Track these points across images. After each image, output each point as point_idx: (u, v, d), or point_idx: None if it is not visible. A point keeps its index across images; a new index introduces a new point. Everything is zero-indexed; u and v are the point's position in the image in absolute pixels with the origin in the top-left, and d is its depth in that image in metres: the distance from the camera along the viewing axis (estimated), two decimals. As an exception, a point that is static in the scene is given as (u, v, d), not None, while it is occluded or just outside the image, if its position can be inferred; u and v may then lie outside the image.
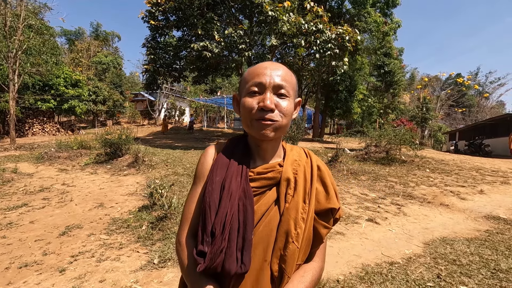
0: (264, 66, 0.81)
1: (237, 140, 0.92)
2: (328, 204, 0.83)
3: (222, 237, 0.73)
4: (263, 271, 0.77)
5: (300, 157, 0.89)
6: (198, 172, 0.89)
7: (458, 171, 7.83)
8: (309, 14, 10.42)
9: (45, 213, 4.36)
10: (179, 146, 12.60)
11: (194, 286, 0.76)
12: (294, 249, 0.77)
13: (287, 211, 0.79)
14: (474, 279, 2.59)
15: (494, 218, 4.44)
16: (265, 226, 0.79)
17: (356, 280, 2.54)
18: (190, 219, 0.85)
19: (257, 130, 0.79)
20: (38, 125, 17.56)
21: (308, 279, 0.79)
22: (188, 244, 0.82)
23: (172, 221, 3.74)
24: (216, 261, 0.72)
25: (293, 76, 0.85)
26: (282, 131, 0.81)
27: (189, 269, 0.78)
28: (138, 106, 30.76)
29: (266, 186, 0.83)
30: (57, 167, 7.62)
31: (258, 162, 0.87)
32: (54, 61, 16.71)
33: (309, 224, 0.80)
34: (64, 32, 37.65)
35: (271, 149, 0.87)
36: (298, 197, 0.80)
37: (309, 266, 0.83)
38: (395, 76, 17.87)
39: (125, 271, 2.75)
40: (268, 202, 0.81)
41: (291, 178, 0.83)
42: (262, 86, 0.79)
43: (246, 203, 0.77)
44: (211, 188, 0.79)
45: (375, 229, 3.89)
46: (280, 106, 0.78)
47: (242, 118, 0.83)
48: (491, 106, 39.84)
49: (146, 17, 12.00)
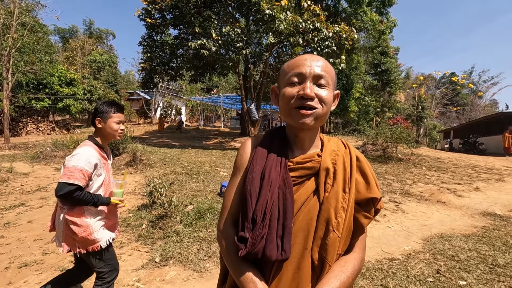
0: (304, 58, 0.83)
1: (275, 131, 0.93)
2: (369, 193, 0.83)
3: (263, 224, 0.75)
4: (304, 259, 0.78)
5: (338, 148, 0.90)
6: (238, 163, 0.91)
7: (454, 169, 7.92)
8: (306, 13, 10.43)
9: (43, 212, 4.32)
10: (176, 145, 12.55)
11: (236, 272, 0.78)
12: (335, 237, 0.77)
13: (327, 200, 0.80)
14: (472, 274, 2.64)
15: (490, 214, 4.51)
16: (305, 215, 0.80)
17: (357, 276, 2.57)
18: (229, 208, 0.87)
19: (296, 119, 0.80)
20: (32, 124, 17.36)
21: (349, 269, 0.79)
22: (229, 232, 0.84)
23: (173, 220, 3.74)
24: (257, 247, 0.73)
25: (332, 68, 0.86)
26: (321, 121, 0.82)
27: (231, 255, 0.80)
28: (134, 105, 30.54)
29: (305, 176, 0.84)
30: (53, 166, 7.54)
31: (296, 152, 0.88)
32: (48, 60, 16.53)
33: (349, 213, 0.80)
34: (58, 30, 37.20)
35: (309, 139, 0.88)
36: (337, 187, 0.81)
37: (350, 257, 0.83)
38: (391, 74, 18.00)
39: (127, 270, 2.74)
40: (307, 192, 0.82)
41: (330, 167, 0.84)
42: (302, 76, 0.80)
43: (285, 191, 0.79)
44: (251, 177, 0.81)
45: (375, 226, 3.92)
46: (319, 95, 0.80)
47: (281, 108, 0.84)
48: (485, 105, 40.29)
49: (142, 15, 11.90)
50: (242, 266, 0.77)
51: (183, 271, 2.70)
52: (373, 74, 18.94)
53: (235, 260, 0.78)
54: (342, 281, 0.76)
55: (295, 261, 0.78)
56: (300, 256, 0.78)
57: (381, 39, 16.87)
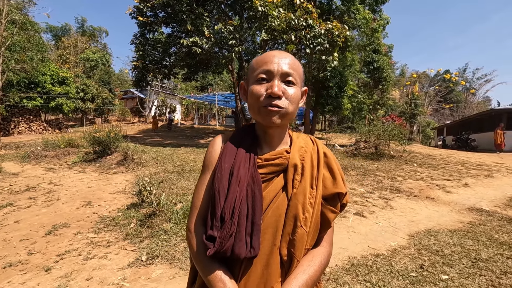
0: (272, 55, 0.83)
1: (245, 129, 0.93)
2: (335, 189, 0.84)
3: (232, 222, 0.75)
4: (273, 256, 0.78)
5: (307, 144, 0.91)
6: (207, 161, 0.90)
7: (444, 165, 8.01)
8: (299, 10, 10.42)
9: (31, 212, 4.28)
10: (170, 143, 12.50)
11: (205, 271, 0.77)
12: (303, 233, 0.78)
13: (295, 196, 0.80)
14: (455, 268, 2.67)
15: (477, 210, 4.57)
16: (273, 212, 0.80)
17: (342, 272, 2.59)
18: (199, 207, 0.86)
19: (265, 117, 0.80)
20: (24, 124, 17.13)
21: (317, 263, 0.80)
22: (198, 231, 0.83)
23: (161, 218, 3.73)
24: (225, 245, 0.73)
25: (300, 65, 0.86)
26: (288, 118, 0.83)
27: (199, 255, 0.79)
28: (128, 103, 30.33)
29: (273, 173, 0.84)
30: (43, 166, 7.47)
31: (265, 149, 0.89)
32: (40, 58, 16.29)
33: (316, 208, 0.81)
34: (50, 28, 36.63)
35: (278, 136, 0.88)
36: (305, 183, 0.82)
37: (317, 251, 0.84)
38: (384, 72, 18.11)
39: (113, 269, 2.73)
40: (276, 189, 0.82)
41: (298, 164, 0.84)
42: (270, 74, 0.80)
43: (254, 188, 0.79)
44: (220, 174, 0.80)
45: (363, 222, 3.96)
46: (287, 93, 0.80)
47: (250, 105, 0.84)
48: (478, 102, 40.72)
49: (134, 13, 11.78)
50: (210, 265, 0.76)
51: (169, 269, 2.70)
52: (366, 71, 19.02)
53: (204, 259, 0.78)
54: (309, 275, 0.77)
55: (264, 257, 0.78)
56: (269, 253, 0.78)
57: (374, 37, 16.94)
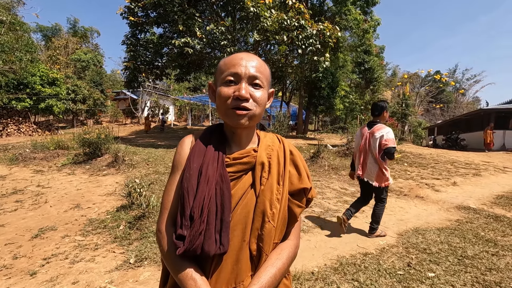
0: (240, 57, 0.84)
1: (213, 128, 0.95)
2: (300, 184, 0.88)
3: (201, 220, 0.76)
4: (242, 251, 0.80)
5: (273, 143, 0.93)
6: (176, 161, 0.91)
7: (434, 165, 8.12)
8: (291, 11, 10.47)
9: (17, 215, 4.20)
10: (162, 145, 12.40)
11: (175, 270, 0.78)
12: (271, 228, 0.81)
13: (263, 193, 0.83)
14: (441, 266, 2.71)
15: (464, 208, 4.64)
16: (242, 209, 0.82)
17: (330, 272, 2.60)
18: (169, 208, 0.87)
19: (232, 119, 0.82)
20: (13, 126, 16.80)
21: (284, 256, 0.84)
22: (168, 231, 0.83)
23: (150, 220, 3.70)
24: (195, 243, 0.74)
25: (267, 68, 0.89)
26: (256, 120, 0.85)
27: (170, 254, 0.80)
28: (120, 104, 30.01)
29: (242, 171, 0.86)
30: (32, 168, 7.34)
31: (233, 148, 0.91)
32: (29, 59, 16.01)
33: (283, 204, 0.84)
34: (40, 28, 36.02)
35: (246, 136, 0.91)
36: (272, 180, 0.85)
37: (285, 244, 0.86)
38: (375, 73, 18.31)
39: (100, 272, 2.69)
40: (244, 186, 0.85)
41: (265, 162, 0.87)
42: (238, 76, 0.82)
43: (223, 187, 0.80)
44: (188, 174, 0.81)
45: (353, 222, 3.98)
46: (254, 96, 0.82)
47: (218, 107, 0.86)
48: (468, 102, 41.41)
49: (125, 13, 11.68)
50: (181, 264, 0.77)
51: (157, 272, 2.68)
52: (358, 72, 19.22)
53: (174, 259, 0.78)
54: (278, 267, 0.80)
55: (234, 253, 0.80)
56: (239, 249, 0.80)
57: (365, 38, 17.12)
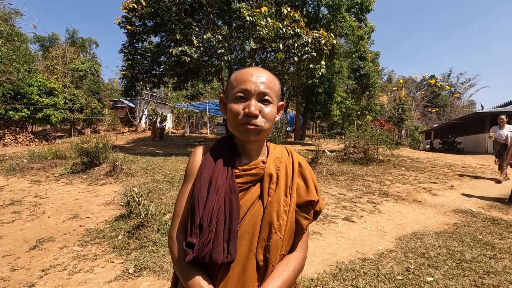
0: (250, 73, 0.87)
1: (224, 140, 0.97)
2: (307, 196, 0.89)
3: (209, 229, 0.79)
4: (249, 261, 0.82)
5: (282, 155, 0.96)
6: (188, 171, 0.94)
7: (431, 168, 8.17)
8: (286, 19, 10.62)
9: (15, 227, 4.17)
10: (160, 153, 12.39)
11: (185, 277, 0.80)
12: (277, 239, 0.83)
13: (270, 204, 0.85)
14: (440, 270, 2.73)
15: (462, 211, 4.67)
16: (250, 219, 0.84)
17: (329, 278, 2.61)
18: (181, 215, 0.90)
19: (242, 133, 0.85)
20: (10, 136, 16.73)
21: (291, 267, 0.85)
22: (179, 238, 0.86)
23: (149, 229, 3.69)
24: (204, 251, 0.77)
25: (277, 82, 0.91)
26: (265, 134, 0.88)
27: (180, 261, 0.83)
28: (118, 113, 29.99)
29: (250, 182, 0.88)
30: (29, 178, 7.30)
31: (243, 160, 0.93)
32: (27, 69, 16.06)
33: (291, 216, 0.86)
34: (37, 39, 36.22)
35: (256, 148, 0.93)
36: (280, 191, 0.87)
37: (292, 256, 0.88)
38: (370, 78, 18.55)
39: (99, 283, 2.68)
40: (252, 197, 0.87)
41: (274, 173, 0.89)
42: (248, 93, 0.85)
43: (231, 197, 0.83)
44: (199, 184, 0.84)
45: (351, 227, 4.00)
46: (263, 112, 0.85)
47: (228, 122, 0.89)
48: (463, 106, 41.79)
49: (122, 23, 11.79)
50: (190, 271, 0.80)
51: (157, 281, 2.67)
52: (353, 78, 19.44)
53: (184, 266, 0.81)
54: (284, 279, 0.81)
55: (241, 263, 0.81)
56: (246, 258, 0.82)
57: (360, 44, 17.37)
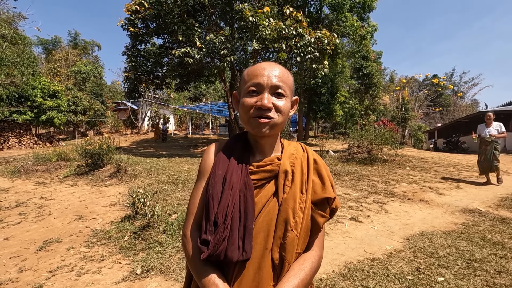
0: (262, 67, 0.85)
1: (238, 137, 0.96)
2: (324, 194, 0.87)
3: (224, 226, 0.77)
4: (265, 259, 0.80)
5: (297, 151, 0.94)
6: (202, 168, 0.93)
7: (436, 168, 8.12)
8: (288, 19, 10.61)
9: (21, 228, 4.18)
10: (163, 154, 12.42)
11: (199, 275, 0.79)
12: (293, 237, 0.81)
13: (285, 201, 0.83)
14: (450, 270, 2.69)
15: (470, 211, 4.62)
16: (265, 216, 0.83)
17: (339, 278, 2.58)
18: (195, 213, 0.88)
19: (255, 127, 0.84)
20: (14, 138, 16.86)
21: (308, 266, 0.82)
22: (193, 236, 0.85)
23: (155, 230, 3.68)
24: (219, 249, 0.75)
25: (290, 76, 0.90)
26: (278, 128, 0.86)
27: (194, 259, 0.81)
28: (121, 115, 30.12)
29: (265, 179, 0.87)
30: (34, 180, 7.33)
31: (257, 156, 0.92)
32: (31, 72, 16.17)
33: (306, 213, 0.84)
34: (40, 42, 36.48)
35: (269, 144, 0.91)
36: (295, 188, 0.85)
37: (308, 255, 0.86)
38: (373, 78, 18.51)
39: (106, 284, 2.67)
40: (267, 194, 0.85)
41: (289, 170, 0.87)
42: (260, 87, 0.83)
43: (246, 194, 0.81)
44: (213, 181, 0.83)
45: (358, 227, 3.96)
46: (277, 105, 0.83)
47: (241, 116, 0.88)
48: (466, 105, 41.59)
49: (125, 25, 11.83)
50: (205, 269, 0.78)
51: (164, 282, 2.66)
52: (356, 78, 19.40)
53: (198, 264, 0.79)
54: (301, 278, 0.79)
55: (256, 261, 0.79)
56: (261, 256, 0.80)
57: (362, 44, 17.33)
